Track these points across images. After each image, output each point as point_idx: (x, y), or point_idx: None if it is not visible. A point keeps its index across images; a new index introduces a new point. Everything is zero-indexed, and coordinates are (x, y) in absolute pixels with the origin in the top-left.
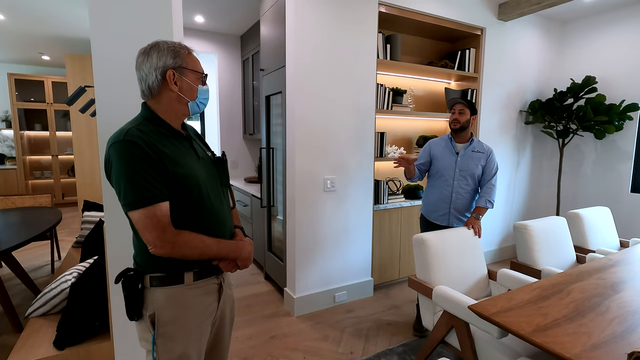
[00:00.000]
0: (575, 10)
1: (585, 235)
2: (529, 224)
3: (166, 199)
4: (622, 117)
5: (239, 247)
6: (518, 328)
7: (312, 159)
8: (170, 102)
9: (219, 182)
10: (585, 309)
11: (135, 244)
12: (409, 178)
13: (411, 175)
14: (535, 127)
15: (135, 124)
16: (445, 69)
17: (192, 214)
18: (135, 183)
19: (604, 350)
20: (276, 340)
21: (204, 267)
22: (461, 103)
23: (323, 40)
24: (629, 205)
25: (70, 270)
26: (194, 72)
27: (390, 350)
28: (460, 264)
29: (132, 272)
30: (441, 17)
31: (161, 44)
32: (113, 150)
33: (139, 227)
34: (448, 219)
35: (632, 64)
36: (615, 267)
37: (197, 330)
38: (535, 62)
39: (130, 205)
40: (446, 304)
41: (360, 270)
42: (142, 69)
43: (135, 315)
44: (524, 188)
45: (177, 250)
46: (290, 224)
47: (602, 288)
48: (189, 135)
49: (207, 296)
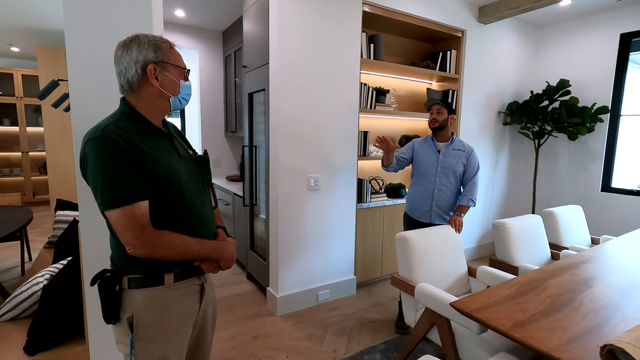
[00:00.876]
0: (550, 16)
1: (559, 232)
2: (507, 223)
3: (145, 197)
4: (593, 119)
5: (222, 247)
6: (498, 324)
7: (296, 158)
8: (151, 97)
9: (201, 181)
10: (560, 304)
11: (112, 244)
12: (386, 166)
13: (388, 162)
14: (512, 127)
15: (113, 120)
16: (427, 70)
17: (173, 214)
18: (113, 181)
19: (579, 343)
20: (259, 340)
21: (185, 268)
22: (438, 103)
23: (307, 38)
24: (599, 204)
25: (42, 272)
26: (176, 67)
27: (373, 347)
28: (441, 261)
29: (109, 274)
30: (423, 18)
31: (141, 37)
32: (89, 147)
33: (116, 227)
34: (430, 216)
35: (602, 68)
36: (587, 264)
37: (177, 333)
38: (513, 64)
39: (108, 205)
40: (428, 302)
41: (343, 268)
42: (122, 62)
43: (112, 318)
44: (501, 187)
45: (157, 251)
46: (273, 222)
47: (576, 284)
48: (169, 132)
49: (188, 297)
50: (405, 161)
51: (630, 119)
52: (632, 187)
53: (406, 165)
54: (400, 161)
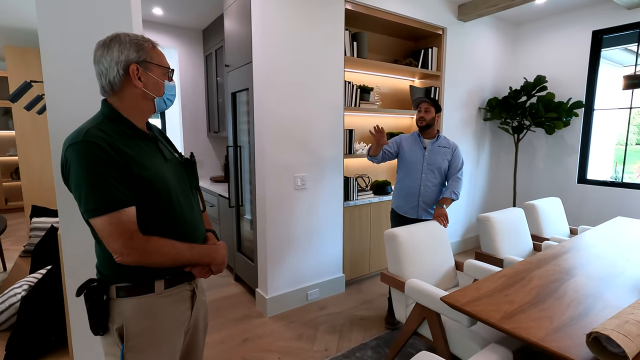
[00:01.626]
0: (527, 13)
1: (540, 224)
2: (491, 216)
3: (132, 203)
4: (569, 113)
5: (213, 251)
6: (488, 316)
7: (282, 157)
8: (134, 98)
9: (188, 184)
10: (545, 295)
11: (98, 252)
12: (371, 156)
13: (375, 153)
14: (493, 123)
15: (95, 124)
16: (410, 67)
17: (161, 219)
18: (98, 187)
19: (565, 332)
20: (249, 342)
21: (175, 274)
22: (426, 102)
23: (290, 37)
24: (576, 195)
25: (20, 283)
26: (160, 67)
27: (365, 344)
28: (430, 257)
29: (96, 283)
30: (405, 15)
31: (122, 36)
32: (71, 152)
33: (103, 235)
34: (417, 211)
35: (576, 64)
36: (568, 254)
37: (169, 341)
38: (492, 61)
39: (93, 212)
40: (418, 297)
41: (331, 267)
42: (102, 62)
43: (100, 329)
44: (483, 182)
45: (147, 258)
46: (261, 223)
47: (558, 274)
48: (154, 135)
49: (179, 304)
50: (390, 155)
51: (603, 113)
52: (606, 178)
53: (390, 159)
54: (385, 154)
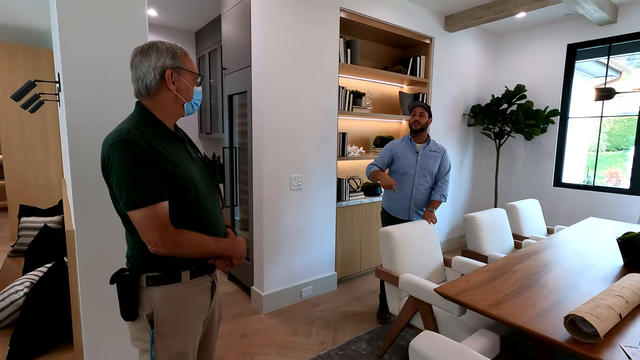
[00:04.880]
0: (509, 26)
1: (521, 224)
2: (476, 216)
3: (166, 198)
4: (546, 121)
5: (235, 245)
6: (477, 304)
7: (279, 158)
8: (167, 102)
9: (210, 183)
10: (528, 285)
11: (130, 243)
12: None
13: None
14: (476, 129)
15: (132, 124)
16: (400, 74)
17: (189, 214)
18: (137, 183)
19: (546, 316)
20: (247, 338)
21: (199, 265)
22: (421, 106)
23: (289, 43)
24: (552, 197)
25: (21, 280)
26: (191, 73)
27: (359, 337)
28: (421, 253)
29: (128, 273)
30: (395, 25)
31: (159, 44)
32: (114, 150)
33: (140, 227)
34: (408, 213)
35: (553, 75)
36: (547, 250)
37: (193, 328)
38: (476, 70)
39: (132, 205)
40: (412, 290)
41: (324, 265)
42: (140, 68)
43: (131, 315)
44: (467, 184)
45: (178, 249)
46: (258, 222)
47: (539, 267)
48: (182, 136)
49: (201, 294)
50: (385, 165)
51: (577, 121)
52: (579, 181)
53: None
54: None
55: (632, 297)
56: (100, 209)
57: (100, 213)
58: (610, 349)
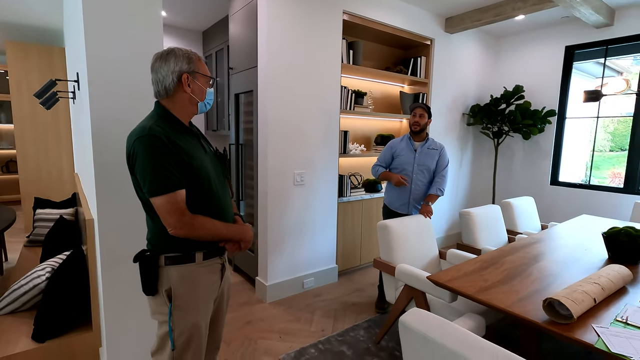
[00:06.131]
0: (507, 28)
1: (515, 220)
2: (471, 211)
3: (184, 186)
4: (543, 121)
5: (244, 230)
6: (466, 290)
7: (284, 155)
8: (183, 102)
9: (221, 174)
10: (514, 275)
11: (150, 227)
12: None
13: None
14: (475, 128)
15: (153, 121)
16: (400, 74)
17: (203, 201)
18: (159, 172)
19: (528, 301)
20: (252, 324)
21: (211, 248)
22: (421, 107)
23: (294, 45)
24: (549, 196)
25: (42, 266)
26: (204, 76)
27: (357, 325)
28: (417, 246)
29: (149, 253)
30: (397, 27)
31: (177, 51)
32: (138, 143)
33: (161, 212)
34: (408, 207)
35: (551, 76)
36: (537, 244)
37: (205, 304)
38: (475, 70)
39: (154, 192)
40: (407, 279)
41: (326, 258)
42: (160, 71)
43: (151, 291)
44: (466, 182)
45: (194, 231)
46: (262, 216)
47: (527, 259)
48: (197, 132)
49: (212, 274)
50: (387, 163)
51: (578, 122)
52: (576, 180)
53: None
54: (382, 167)
55: (608, 285)
56: (120, 197)
57: (121, 201)
58: (583, 329)
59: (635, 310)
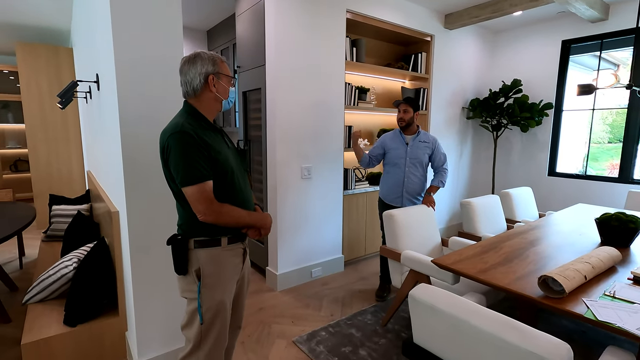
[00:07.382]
0: (505, 23)
1: (514, 209)
2: (472, 201)
3: (211, 178)
4: (541, 114)
5: (264, 217)
6: (467, 271)
7: (291, 150)
8: (209, 101)
9: (242, 167)
10: (512, 257)
11: (181, 214)
12: (359, 160)
13: (359, 157)
14: (474, 121)
15: (183, 119)
16: (402, 70)
17: (227, 191)
18: (190, 165)
19: (524, 280)
20: (265, 311)
21: (234, 233)
22: (404, 103)
23: (300, 43)
24: (546, 186)
25: (69, 257)
26: (227, 77)
27: (364, 310)
28: (421, 233)
29: (180, 237)
30: (398, 24)
31: (202, 54)
32: (172, 139)
33: (192, 200)
34: (401, 201)
35: (547, 69)
36: (534, 230)
37: (229, 284)
38: (474, 65)
39: (186, 182)
40: (412, 264)
41: (332, 248)
42: (188, 73)
43: (182, 270)
44: (466, 174)
45: (221, 218)
46: (271, 209)
47: (525, 244)
48: (221, 129)
49: (235, 258)
50: (379, 156)
51: (571, 114)
52: (573, 171)
53: (378, 162)
54: (372, 158)
55: (598, 264)
56: (145, 191)
57: (147, 193)
58: (574, 302)
59: (622, 286)
